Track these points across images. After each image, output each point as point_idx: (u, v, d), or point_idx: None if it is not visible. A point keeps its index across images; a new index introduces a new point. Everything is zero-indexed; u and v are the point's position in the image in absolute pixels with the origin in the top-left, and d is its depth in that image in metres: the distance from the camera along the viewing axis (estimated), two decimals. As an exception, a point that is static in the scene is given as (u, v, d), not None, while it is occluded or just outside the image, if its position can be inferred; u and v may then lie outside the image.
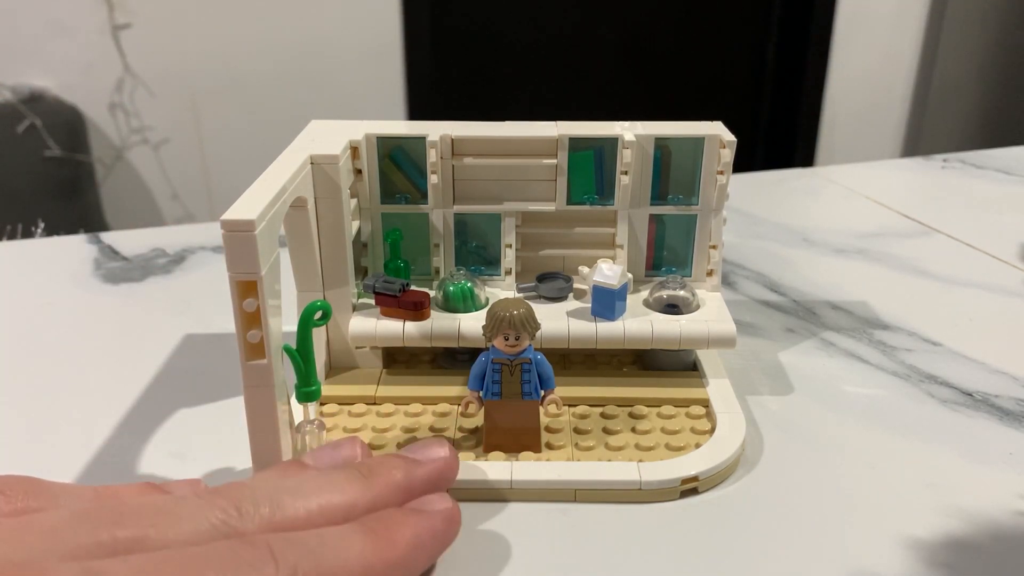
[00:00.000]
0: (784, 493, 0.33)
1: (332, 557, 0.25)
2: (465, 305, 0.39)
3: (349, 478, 0.28)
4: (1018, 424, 0.38)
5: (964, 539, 0.31)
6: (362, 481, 0.28)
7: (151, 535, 0.24)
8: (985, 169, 0.77)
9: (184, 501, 0.26)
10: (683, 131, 0.40)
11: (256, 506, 0.26)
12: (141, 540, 0.24)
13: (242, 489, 0.27)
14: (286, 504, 0.26)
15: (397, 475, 0.29)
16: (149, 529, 0.24)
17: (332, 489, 0.28)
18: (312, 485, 0.28)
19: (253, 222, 0.28)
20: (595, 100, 2.09)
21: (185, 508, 0.25)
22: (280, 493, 0.27)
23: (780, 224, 0.64)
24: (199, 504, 0.25)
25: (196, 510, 0.25)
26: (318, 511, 0.27)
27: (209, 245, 0.60)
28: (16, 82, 1.65)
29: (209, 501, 0.26)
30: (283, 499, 0.27)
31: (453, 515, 0.29)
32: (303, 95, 1.81)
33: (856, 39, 2.09)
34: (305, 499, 0.27)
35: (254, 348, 0.29)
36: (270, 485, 0.27)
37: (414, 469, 0.30)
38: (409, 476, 0.29)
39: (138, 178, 1.81)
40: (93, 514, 0.25)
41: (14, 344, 0.47)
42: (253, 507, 0.26)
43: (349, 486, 0.28)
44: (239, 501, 0.26)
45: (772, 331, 0.47)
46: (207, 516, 0.25)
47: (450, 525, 0.29)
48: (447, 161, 0.40)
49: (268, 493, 0.27)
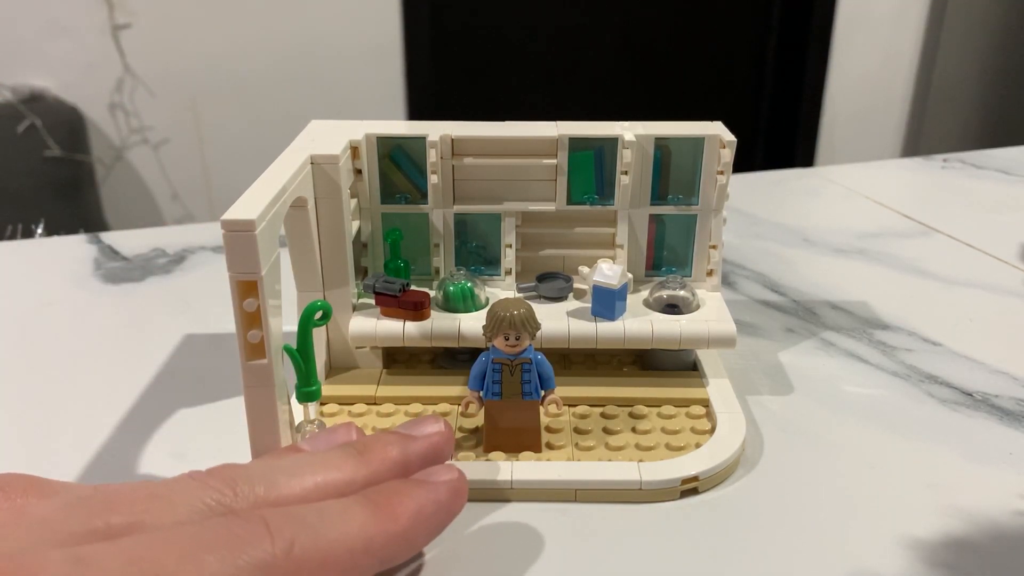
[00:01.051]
0: (784, 493, 0.33)
1: (331, 530, 0.25)
2: (465, 305, 0.39)
3: (345, 455, 0.28)
4: (1018, 424, 0.38)
5: (964, 539, 0.31)
6: (357, 458, 0.28)
7: (145, 520, 0.24)
8: (985, 169, 0.77)
9: (177, 484, 0.25)
10: (683, 131, 0.40)
11: (251, 485, 0.26)
12: (135, 525, 0.24)
13: (236, 470, 0.26)
14: (281, 483, 0.26)
15: (392, 451, 0.29)
16: (143, 514, 0.24)
17: (328, 467, 0.27)
18: (307, 464, 0.27)
19: (253, 222, 0.28)
20: (595, 100, 2.09)
21: (179, 491, 0.25)
22: (275, 472, 0.26)
23: (780, 224, 0.64)
24: (193, 486, 0.25)
25: (190, 492, 0.25)
26: (314, 488, 0.26)
27: (209, 245, 0.60)
28: (16, 82, 1.65)
29: (202, 482, 0.25)
30: (278, 478, 0.26)
31: (458, 486, 0.28)
32: (303, 95, 1.81)
33: (856, 39, 2.09)
34: (301, 477, 0.27)
35: (254, 348, 0.29)
36: (265, 466, 0.27)
37: (409, 444, 0.29)
38: (405, 451, 0.29)
39: (138, 178, 1.81)
40: (86, 502, 0.24)
41: (14, 344, 0.47)
42: (248, 486, 0.25)
43: (345, 463, 0.28)
44: (233, 481, 0.25)
45: (772, 331, 0.47)
46: (201, 497, 0.25)
47: (455, 496, 0.28)
48: (447, 161, 0.40)
49: (263, 472, 0.26)
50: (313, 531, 0.24)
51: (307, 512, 0.25)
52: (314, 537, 0.24)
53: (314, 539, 0.24)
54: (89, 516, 0.24)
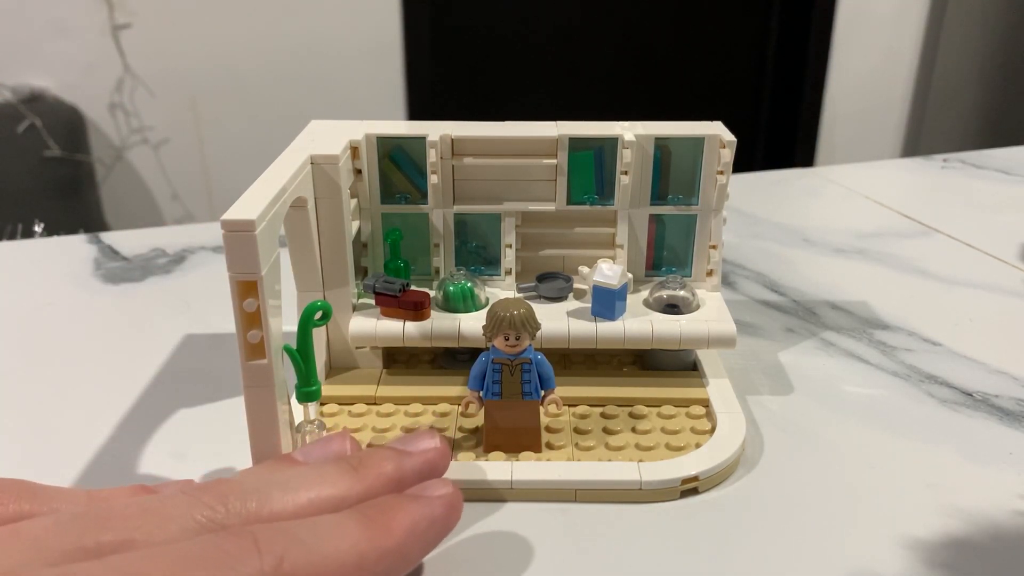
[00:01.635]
0: (784, 493, 0.33)
1: (323, 545, 0.24)
2: (465, 305, 0.39)
3: (339, 471, 0.28)
4: (1018, 424, 0.38)
5: (964, 539, 0.31)
6: (352, 474, 0.28)
7: (136, 537, 0.24)
8: (985, 169, 0.77)
9: (170, 500, 0.25)
10: (683, 131, 0.40)
11: (244, 501, 0.25)
12: (126, 543, 0.23)
13: (230, 484, 0.26)
14: (275, 498, 0.26)
15: (388, 466, 0.29)
16: (135, 532, 0.24)
17: (322, 482, 0.27)
18: (301, 479, 0.27)
19: (253, 222, 0.28)
20: (595, 100, 2.09)
21: (171, 507, 0.25)
22: (269, 487, 0.26)
23: (780, 224, 0.64)
24: (185, 501, 0.25)
25: (182, 508, 0.25)
26: (307, 504, 0.26)
27: (209, 245, 0.60)
28: (16, 82, 1.65)
29: (195, 498, 0.25)
30: (272, 493, 0.26)
31: (453, 501, 0.28)
32: (303, 95, 1.81)
33: (856, 39, 2.09)
34: (294, 492, 0.26)
35: (254, 348, 0.29)
36: (258, 480, 0.27)
37: (405, 460, 0.29)
38: (400, 467, 0.29)
39: (138, 178, 1.81)
40: (79, 519, 0.24)
41: (14, 344, 0.47)
42: (240, 502, 0.25)
43: (339, 479, 0.27)
44: (226, 497, 0.25)
45: (772, 331, 0.47)
46: (193, 514, 0.25)
47: (450, 511, 0.28)
48: (447, 161, 0.40)
49: (256, 487, 0.26)
50: (304, 547, 0.24)
51: (298, 528, 0.25)
52: (305, 553, 0.24)
53: (305, 555, 0.24)
54: (80, 534, 0.24)
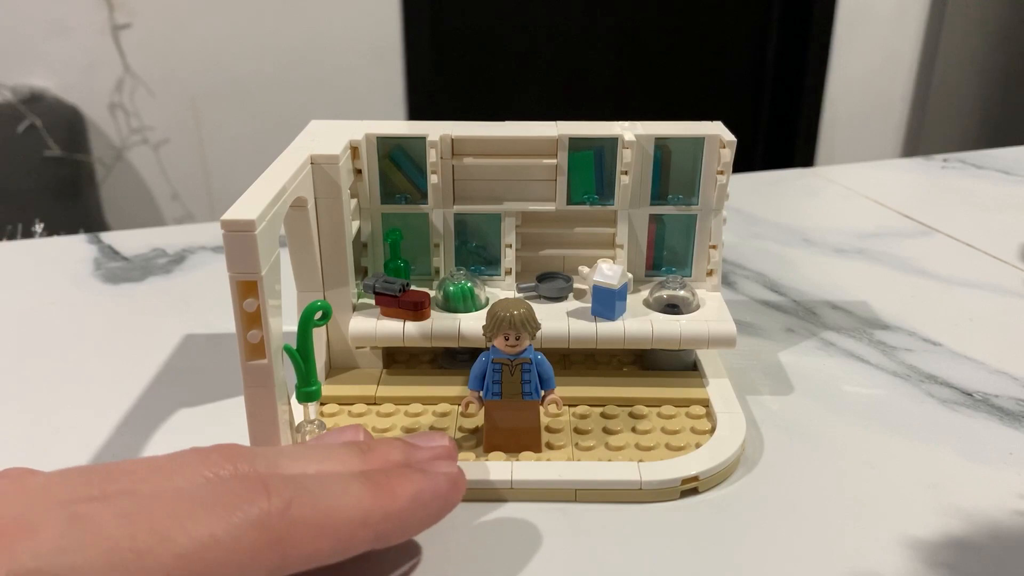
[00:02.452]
0: (784, 493, 0.33)
1: (330, 497, 0.25)
2: (465, 305, 0.39)
3: (348, 452, 0.28)
4: (1018, 424, 0.38)
5: (964, 539, 0.31)
6: (361, 456, 0.28)
7: (143, 488, 0.24)
8: (985, 169, 0.77)
9: (178, 457, 0.25)
10: (683, 131, 0.40)
11: (252, 463, 0.25)
12: (132, 493, 0.23)
13: (239, 448, 0.26)
14: (282, 465, 0.26)
15: (396, 454, 0.29)
16: (141, 484, 0.24)
17: (331, 458, 0.27)
18: (310, 452, 0.28)
19: (253, 222, 0.28)
20: (595, 100, 2.09)
21: (179, 464, 0.25)
22: (278, 456, 0.27)
23: (780, 224, 0.64)
24: (193, 458, 0.25)
25: (190, 465, 0.25)
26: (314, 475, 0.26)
27: (209, 245, 0.60)
28: (16, 82, 1.65)
29: (204, 456, 0.25)
30: (280, 460, 0.26)
31: (457, 479, 0.28)
32: (303, 95, 1.81)
33: (856, 39, 2.09)
34: (304, 463, 0.27)
35: (254, 348, 0.29)
36: (268, 449, 0.27)
37: (414, 452, 0.29)
38: (408, 457, 0.29)
39: (138, 178, 1.81)
40: (86, 472, 0.24)
41: (14, 344, 0.47)
42: (249, 464, 0.25)
43: (348, 458, 0.28)
44: (235, 458, 0.25)
45: (772, 331, 0.47)
46: (201, 471, 0.25)
47: (453, 487, 0.28)
48: (447, 161, 0.40)
49: (265, 453, 0.26)
50: (312, 496, 0.24)
51: (307, 479, 0.25)
52: (312, 501, 0.24)
53: (312, 503, 0.24)
54: (87, 484, 0.24)
